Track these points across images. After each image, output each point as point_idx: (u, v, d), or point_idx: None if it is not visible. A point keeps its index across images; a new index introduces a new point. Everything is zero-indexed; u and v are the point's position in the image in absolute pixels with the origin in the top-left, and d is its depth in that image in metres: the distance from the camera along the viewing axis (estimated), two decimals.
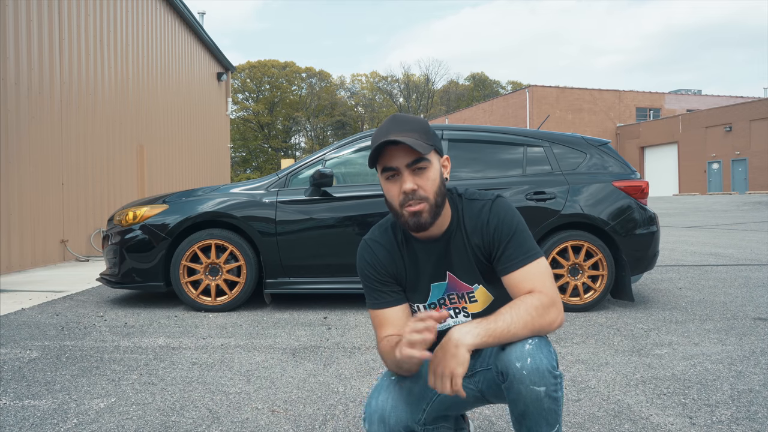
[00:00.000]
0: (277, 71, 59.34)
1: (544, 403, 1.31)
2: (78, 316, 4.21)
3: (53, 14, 7.84)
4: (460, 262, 1.52)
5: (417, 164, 1.41)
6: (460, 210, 1.53)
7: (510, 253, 1.44)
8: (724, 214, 15.67)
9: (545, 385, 1.30)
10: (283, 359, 3.07)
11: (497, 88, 67.07)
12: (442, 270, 1.54)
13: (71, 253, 8.11)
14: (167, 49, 12.57)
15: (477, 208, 1.51)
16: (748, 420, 2.18)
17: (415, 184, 1.41)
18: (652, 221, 4.34)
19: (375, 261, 1.55)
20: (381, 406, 1.42)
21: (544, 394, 1.30)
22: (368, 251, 1.57)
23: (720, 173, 30.47)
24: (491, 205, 1.50)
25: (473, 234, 1.50)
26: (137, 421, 2.22)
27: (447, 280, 1.54)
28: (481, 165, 4.52)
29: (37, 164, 7.40)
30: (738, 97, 38.60)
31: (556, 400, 1.33)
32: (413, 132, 1.41)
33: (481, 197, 1.53)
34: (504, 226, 1.46)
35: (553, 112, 34.66)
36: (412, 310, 1.61)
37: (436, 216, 1.46)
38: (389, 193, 1.46)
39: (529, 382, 1.30)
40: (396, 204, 1.45)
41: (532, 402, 1.31)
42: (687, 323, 3.78)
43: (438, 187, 1.44)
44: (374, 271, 1.55)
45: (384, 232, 1.59)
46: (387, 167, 1.42)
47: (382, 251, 1.56)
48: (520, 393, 1.32)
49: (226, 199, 4.39)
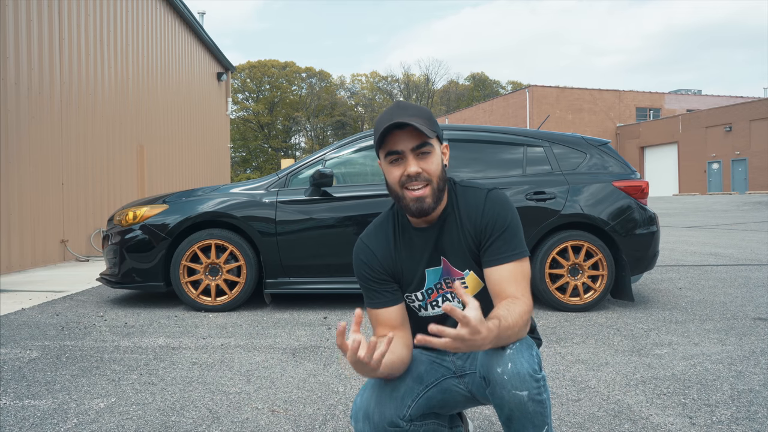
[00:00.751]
0: (277, 71, 59.35)
1: (528, 407, 1.31)
2: (78, 316, 4.21)
3: (53, 14, 7.84)
4: (452, 248, 1.53)
5: (422, 148, 1.42)
6: (455, 196, 1.54)
7: (498, 246, 1.45)
8: (724, 214, 15.67)
9: (527, 389, 1.30)
10: (283, 359, 3.07)
11: (497, 88, 67.08)
12: (437, 255, 1.54)
13: (71, 253, 8.11)
14: (167, 49, 12.57)
15: (472, 195, 1.52)
16: (748, 420, 2.18)
17: (419, 167, 1.42)
18: (652, 221, 4.34)
19: (371, 260, 1.56)
20: (365, 403, 1.43)
21: (527, 398, 1.30)
22: (364, 250, 1.57)
23: (720, 173, 30.47)
24: (487, 194, 1.51)
25: (467, 220, 1.51)
26: (137, 421, 2.22)
27: (442, 265, 1.55)
28: (481, 165, 4.52)
29: (37, 164, 7.40)
30: (738, 97, 38.60)
31: (540, 403, 1.32)
32: (418, 117, 1.43)
33: (476, 185, 1.55)
34: (499, 219, 1.47)
35: (553, 112, 34.66)
36: (409, 300, 1.61)
37: (438, 201, 1.47)
38: (391, 175, 1.46)
39: (511, 386, 1.30)
40: (397, 185, 1.45)
41: (516, 406, 1.31)
42: (687, 323, 3.78)
43: (441, 172, 1.46)
44: (370, 271, 1.55)
45: (379, 227, 1.60)
46: (392, 151, 1.43)
47: (378, 247, 1.57)
48: (503, 398, 1.32)
49: (226, 199, 4.39)
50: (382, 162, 1.49)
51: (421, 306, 1.60)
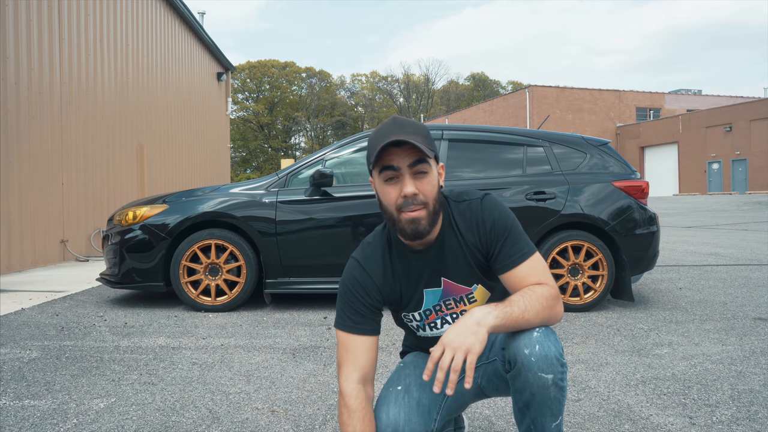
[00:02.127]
0: (277, 71, 59.38)
1: (551, 391, 1.31)
2: (78, 316, 4.21)
3: (53, 14, 7.83)
4: (455, 265, 1.49)
5: (418, 165, 1.37)
6: (449, 212, 1.50)
7: (508, 251, 1.43)
8: (724, 214, 15.67)
9: (553, 372, 1.30)
10: (283, 359, 3.07)
11: (497, 88, 67.09)
12: (437, 276, 1.50)
13: (71, 253, 8.11)
14: (167, 49, 12.57)
15: (467, 208, 1.49)
16: (748, 420, 2.18)
17: (415, 188, 1.36)
18: (652, 221, 4.34)
19: (367, 282, 1.48)
20: (393, 420, 1.39)
21: (552, 381, 1.30)
22: (360, 272, 1.49)
23: (720, 173, 30.47)
24: (481, 203, 1.48)
25: (468, 233, 1.48)
26: (137, 421, 2.22)
27: (442, 286, 1.51)
28: (481, 165, 4.52)
29: (37, 164, 7.40)
30: (738, 97, 38.60)
31: (561, 390, 1.33)
32: (416, 134, 1.38)
33: (469, 197, 1.51)
34: (500, 224, 1.45)
35: (553, 112, 34.66)
36: (407, 320, 1.60)
37: (434, 224, 1.42)
38: (387, 197, 1.39)
39: (537, 369, 1.29)
40: (393, 208, 1.39)
41: (539, 390, 1.31)
42: (687, 323, 3.78)
43: (437, 194, 1.41)
44: (365, 294, 1.47)
45: (375, 248, 1.52)
46: (387, 166, 1.37)
47: (375, 270, 1.49)
48: (527, 381, 1.31)
49: (226, 199, 4.39)
50: (376, 180, 1.42)
51: (419, 326, 1.59)
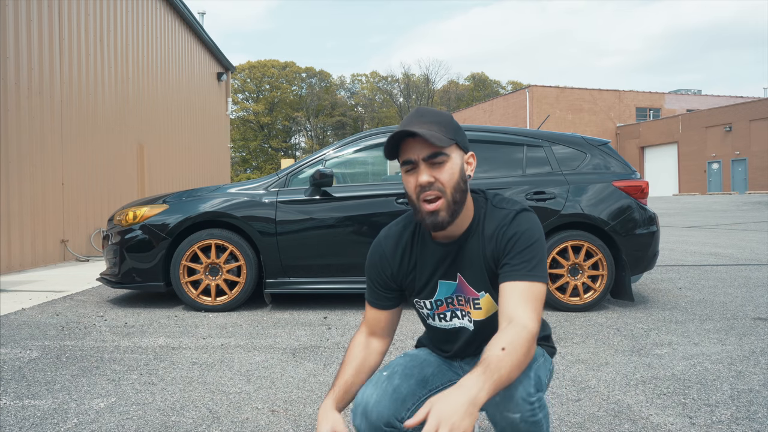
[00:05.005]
0: (277, 71, 59.35)
1: (521, 427, 1.29)
2: (78, 316, 4.21)
3: (53, 14, 7.83)
4: (471, 267, 1.48)
5: (434, 158, 1.37)
6: (483, 214, 1.48)
7: (517, 263, 1.37)
8: (723, 214, 15.67)
9: (519, 412, 1.28)
10: (283, 359, 3.07)
11: (497, 88, 67.06)
12: (453, 270, 1.50)
13: (71, 253, 8.11)
14: (167, 49, 12.57)
15: (500, 216, 1.45)
16: (748, 420, 2.18)
17: (431, 176, 1.37)
18: (652, 221, 4.35)
19: (383, 263, 1.56)
20: (365, 399, 1.43)
21: (520, 420, 1.28)
22: (377, 248, 1.58)
23: (720, 173, 30.47)
24: (515, 215, 1.44)
25: (489, 241, 1.45)
26: (137, 421, 2.22)
27: (457, 281, 1.51)
28: (481, 165, 4.52)
29: (37, 164, 7.40)
30: (738, 97, 38.59)
31: (535, 423, 1.30)
32: (433, 124, 1.38)
33: (507, 206, 1.47)
34: (522, 237, 1.40)
35: (553, 112, 34.66)
36: (418, 306, 1.60)
37: (455, 215, 1.40)
38: (407, 186, 1.43)
39: (503, 409, 1.28)
40: (414, 196, 1.42)
41: (508, 426, 1.30)
42: (687, 323, 3.78)
43: (456, 183, 1.39)
44: (380, 273, 1.57)
45: (400, 231, 1.57)
46: (406, 160, 1.40)
47: (394, 254, 1.55)
48: (494, 417, 1.32)
49: (226, 199, 4.39)
50: (401, 170, 1.46)
51: (429, 315, 1.59)
